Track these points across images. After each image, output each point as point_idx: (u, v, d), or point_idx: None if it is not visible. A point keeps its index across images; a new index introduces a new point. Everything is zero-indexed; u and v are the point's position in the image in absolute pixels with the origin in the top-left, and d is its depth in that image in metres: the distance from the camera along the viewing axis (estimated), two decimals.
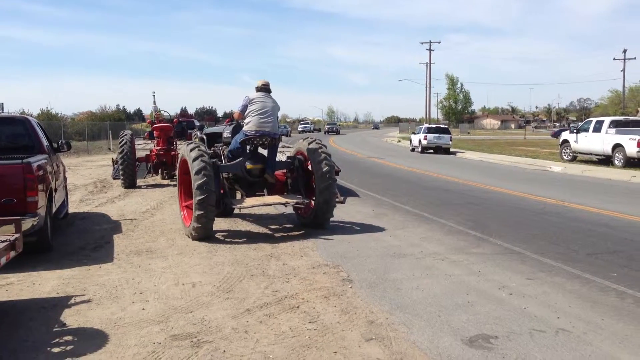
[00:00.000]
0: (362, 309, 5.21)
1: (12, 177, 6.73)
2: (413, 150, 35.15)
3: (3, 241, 4.95)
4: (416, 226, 9.40)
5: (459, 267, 6.76)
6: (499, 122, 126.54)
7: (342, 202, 9.84)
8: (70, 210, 10.61)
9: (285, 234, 8.72)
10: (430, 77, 66.71)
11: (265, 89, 8.89)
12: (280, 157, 9.73)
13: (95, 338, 4.50)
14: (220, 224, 9.32)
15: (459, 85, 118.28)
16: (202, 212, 7.87)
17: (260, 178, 8.91)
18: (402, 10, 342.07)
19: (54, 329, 4.73)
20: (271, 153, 8.96)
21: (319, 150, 8.85)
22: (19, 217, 5.67)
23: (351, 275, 6.34)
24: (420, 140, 33.63)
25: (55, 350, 4.29)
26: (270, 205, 9.21)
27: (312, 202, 8.90)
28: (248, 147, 8.83)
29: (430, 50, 67.34)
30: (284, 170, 9.31)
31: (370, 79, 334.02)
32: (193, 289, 5.83)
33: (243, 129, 8.73)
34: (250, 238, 8.44)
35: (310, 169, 9.01)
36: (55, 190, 8.41)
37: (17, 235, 5.21)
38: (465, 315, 5.05)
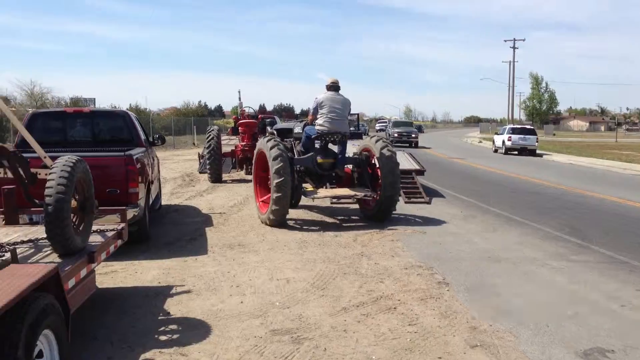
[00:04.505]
0: (463, 314, 5.03)
1: (115, 168, 7.02)
2: (496, 151, 34.00)
3: (112, 230, 5.15)
4: (507, 230, 9.04)
5: (561, 274, 6.41)
6: (587, 124, 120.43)
7: (428, 203, 9.74)
8: (163, 203, 10.98)
9: (369, 232, 8.61)
10: (514, 76, 64.47)
11: (334, 87, 9.45)
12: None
13: (198, 328, 4.59)
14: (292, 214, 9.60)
15: (543, 84, 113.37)
16: (279, 194, 8.48)
17: (329, 172, 9.55)
18: (477, 6, 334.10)
19: (159, 317, 4.87)
20: (341, 149, 9.57)
21: (386, 148, 9.32)
22: (124, 207, 5.89)
23: (447, 278, 6.16)
24: (504, 141, 32.45)
25: (162, 338, 4.41)
26: (340, 197, 9.94)
27: (376, 196, 9.34)
28: (318, 142, 9.43)
29: (514, 48, 65.02)
30: (351, 165, 9.91)
31: (446, 77, 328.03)
32: (288, 285, 5.85)
33: (315, 127, 9.32)
34: (321, 226, 8.67)
35: (374, 164, 9.55)
36: (152, 182, 8.72)
37: (123, 224, 5.41)
38: (575, 326, 4.76)
